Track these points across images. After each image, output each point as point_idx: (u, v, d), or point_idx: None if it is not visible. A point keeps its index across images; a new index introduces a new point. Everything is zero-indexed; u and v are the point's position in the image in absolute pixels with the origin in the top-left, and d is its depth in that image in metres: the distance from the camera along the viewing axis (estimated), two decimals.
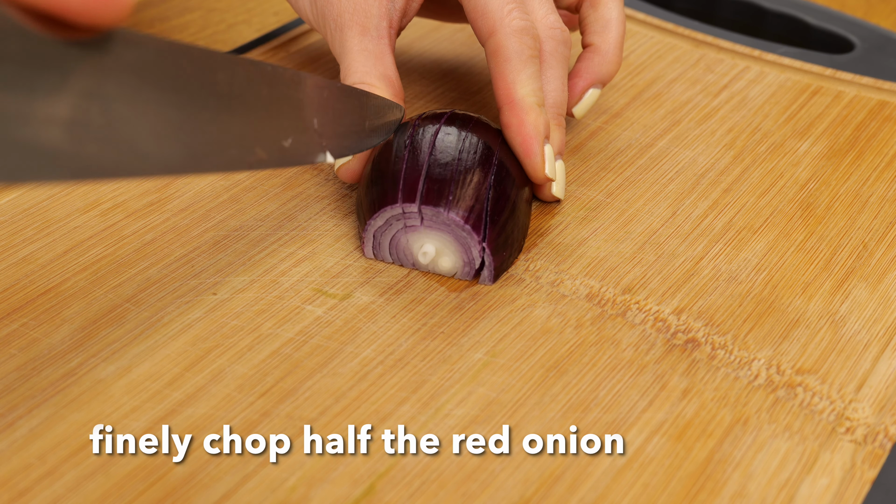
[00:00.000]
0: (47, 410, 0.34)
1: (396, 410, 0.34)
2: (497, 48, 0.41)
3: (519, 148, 0.41)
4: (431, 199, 0.38)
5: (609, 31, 0.46)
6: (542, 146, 0.41)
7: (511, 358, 0.37)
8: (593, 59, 0.46)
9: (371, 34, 0.43)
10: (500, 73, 0.41)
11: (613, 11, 0.46)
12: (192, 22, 0.58)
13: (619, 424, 0.34)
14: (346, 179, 0.42)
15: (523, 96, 0.41)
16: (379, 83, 0.42)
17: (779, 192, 0.45)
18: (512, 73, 0.41)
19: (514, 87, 0.41)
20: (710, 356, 0.37)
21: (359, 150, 0.38)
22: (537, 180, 0.41)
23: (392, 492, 0.32)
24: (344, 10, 0.43)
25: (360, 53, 0.43)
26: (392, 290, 0.39)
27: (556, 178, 0.42)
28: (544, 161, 0.41)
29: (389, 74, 0.43)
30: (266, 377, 0.35)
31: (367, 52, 0.43)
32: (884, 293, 0.40)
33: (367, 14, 0.43)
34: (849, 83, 0.52)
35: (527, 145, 0.41)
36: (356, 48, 0.43)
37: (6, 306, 0.38)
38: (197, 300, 0.38)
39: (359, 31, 0.43)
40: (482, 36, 0.42)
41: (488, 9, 0.41)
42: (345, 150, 0.37)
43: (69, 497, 0.31)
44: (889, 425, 0.35)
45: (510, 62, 0.41)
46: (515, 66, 0.41)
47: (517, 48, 0.41)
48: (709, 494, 0.32)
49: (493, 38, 0.41)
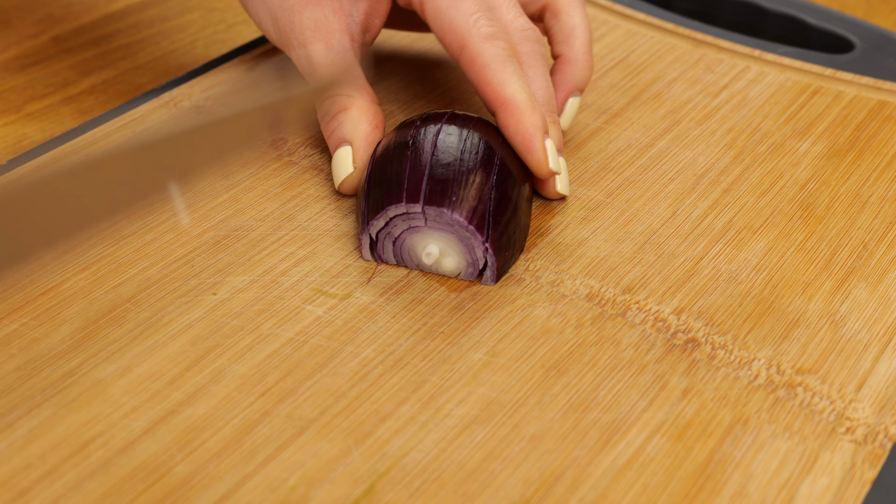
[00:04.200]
0: (47, 410, 0.34)
1: (396, 410, 0.34)
2: (472, 58, 0.41)
3: (520, 146, 0.41)
4: (435, 200, 0.38)
5: (575, 39, 0.46)
6: (542, 141, 0.40)
7: (511, 358, 0.37)
8: (565, 69, 0.46)
9: (335, 48, 0.43)
10: (483, 79, 0.41)
11: (576, 18, 0.46)
12: (192, 22, 0.58)
13: (619, 424, 0.34)
14: (348, 191, 0.43)
15: (513, 94, 0.40)
16: (354, 92, 0.43)
17: (779, 192, 0.45)
18: (495, 76, 0.40)
19: (503, 88, 0.40)
20: (710, 356, 0.37)
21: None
22: (542, 175, 0.41)
23: (392, 492, 0.32)
24: (305, 28, 0.44)
25: (328, 67, 0.43)
26: (392, 290, 0.39)
27: (560, 172, 0.42)
28: (547, 155, 0.41)
29: (362, 84, 0.43)
30: (266, 377, 0.35)
31: (335, 65, 0.43)
32: (884, 293, 0.40)
33: (329, 30, 0.43)
34: (849, 83, 0.52)
35: (528, 142, 0.40)
36: (323, 62, 0.43)
37: (6, 306, 0.38)
38: (197, 300, 0.38)
39: (323, 46, 0.43)
40: (454, 51, 0.42)
41: (455, 23, 0.41)
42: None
43: (69, 497, 0.31)
44: (889, 425, 0.35)
45: (489, 67, 0.41)
46: (496, 69, 0.41)
47: (492, 52, 0.41)
48: (709, 494, 0.32)
49: (466, 50, 0.41)
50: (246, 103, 0.30)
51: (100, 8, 0.58)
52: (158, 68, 0.54)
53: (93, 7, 0.58)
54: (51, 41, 0.55)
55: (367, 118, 0.43)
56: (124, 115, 0.47)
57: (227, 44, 0.56)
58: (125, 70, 0.54)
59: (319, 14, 0.44)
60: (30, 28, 0.56)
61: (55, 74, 0.53)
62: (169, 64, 0.54)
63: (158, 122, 0.33)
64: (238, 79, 0.50)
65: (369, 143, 0.42)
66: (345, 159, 0.42)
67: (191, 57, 0.55)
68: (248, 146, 0.31)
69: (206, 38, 0.56)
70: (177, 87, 0.49)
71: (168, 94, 0.49)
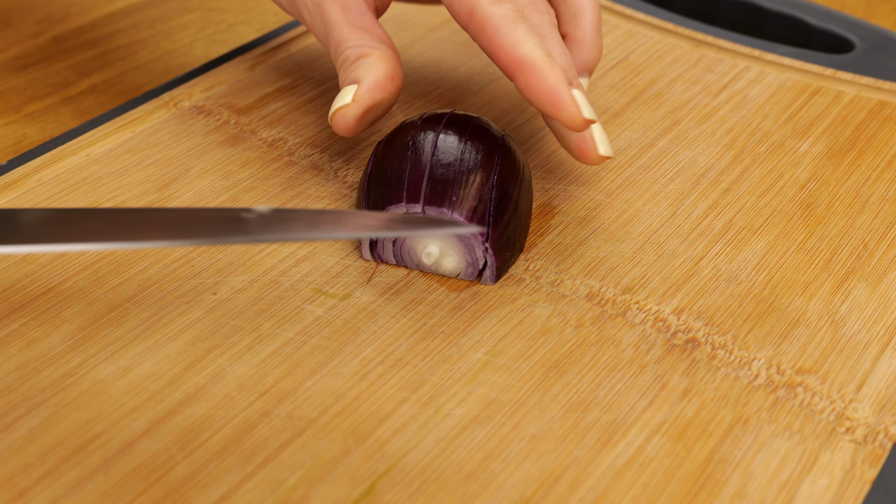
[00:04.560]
0: (47, 410, 0.34)
1: (396, 410, 0.34)
2: (481, 23, 0.39)
3: (547, 103, 0.38)
4: (435, 200, 0.38)
5: (582, 18, 0.44)
6: (569, 92, 0.38)
7: (511, 358, 0.37)
8: (572, 49, 0.44)
9: (353, 10, 0.42)
10: (495, 42, 0.39)
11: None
12: (192, 22, 0.58)
13: (619, 424, 0.34)
14: (340, 128, 0.41)
15: (529, 51, 0.38)
16: (379, 44, 0.41)
17: (779, 192, 0.45)
18: (508, 38, 0.39)
19: (517, 49, 0.38)
20: (710, 356, 0.37)
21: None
22: (578, 127, 0.38)
23: (392, 492, 0.32)
24: None
25: (347, 25, 0.42)
26: (392, 290, 0.39)
27: (597, 136, 0.40)
28: (579, 105, 0.38)
29: (385, 39, 0.42)
30: (266, 377, 0.35)
31: (355, 24, 0.42)
32: (884, 293, 0.40)
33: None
34: (849, 83, 0.52)
35: (554, 97, 0.38)
36: (342, 21, 0.42)
37: (6, 306, 0.38)
38: (197, 300, 0.38)
39: (340, 7, 0.42)
40: (462, 19, 0.40)
41: None
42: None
43: (69, 497, 0.31)
44: (889, 425, 0.35)
45: (500, 30, 0.39)
46: (507, 31, 0.39)
47: (502, 14, 0.39)
48: (709, 494, 0.32)
49: (475, 16, 0.39)
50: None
51: (100, 8, 0.58)
52: (158, 68, 0.54)
53: (93, 7, 0.58)
54: (51, 41, 0.55)
55: (384, 65, 0.41)
56: (124, 115, 0.47)
57: (227, 44, 0.56)
58: (125, 70, 0.54)
59: None
60: (30, 28, 0.56)
61: (55, 74, 0.53)
62: (169, 64, 0.54)
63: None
64: (238, 79, 0.50)
65: (378, 87, 0.40)
66: (347, 93, 0.40)
67: (191, 57, 0.55)
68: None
69: (206, 38, 0.56)
70: (177, 87, 0.49)
71: (168, 94, 0.49)
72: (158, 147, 0.46)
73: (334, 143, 0.47)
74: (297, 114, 0.48)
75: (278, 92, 0.50)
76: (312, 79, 0.51)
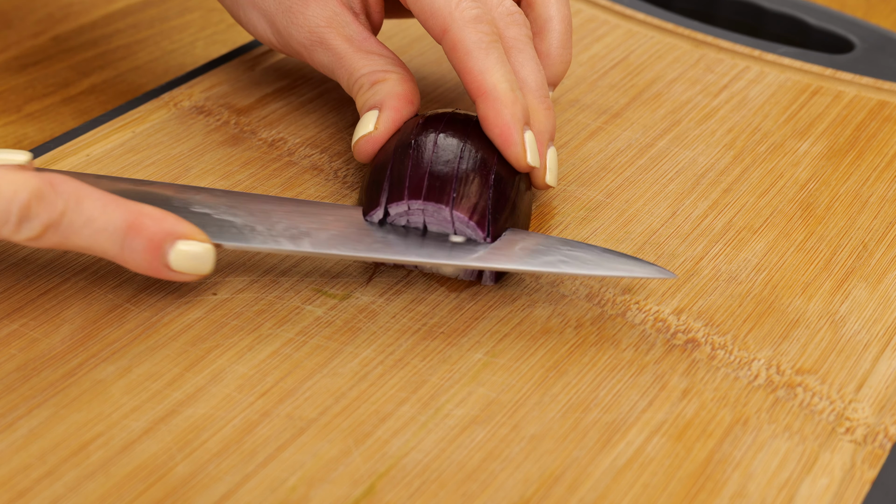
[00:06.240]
0: (47, 410, 0.34)
1: (396, 410, 0.34)
2: (454, 43, 0.40)
3: (497, 139, 0.39)
4: (434, 197, 0.38)
5: (549, 31, 0.44)
6: (521, 133, 0.39)
7: (511, 358, 0.37)
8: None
9: (356, 38, 0.42)
10: (465, 67, 0.39)
11: (551, 9, 0.44)
12: (192, 22, 0.58)
13: (619, 424, 0.34)
14: (363, 155, 0.41)
15: (495, 83, 0.39)
16: (392, 66, 0.42)
17: (779, 192, 0.45)
18: (477, 64, 0.39)
19: (484, 77, 0.39)
20: (710, 356, 0.37)
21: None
22: (521, 169, 0.40)
23: (392, 492, 0.32)
24: (315, 27, 0.42)
25: (356, 53, 0.42)
26: (392, 290, 0.39)
27: (549, 164, 0.41)
28: (526, 149, 0.40)
29: (395, 59, 0.42)
30: (266, 377, 0.35)
31: (363, 49, 0.42)
32: (884, 293, 0.40)
33: (342, 22, 0.42)
34: (849, 83, 0.52)
35: (505, 135, 0.39)
36: (349, 51, 0.42)
37: (6, 306, 0.38)
38: (197, 300, 0.38)
39: (343, 38, 0.42)
40: (436, 35, 0.40)
41: (436, 6, 0.40)
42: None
43: (69, 497, 0.31)
44: (889, 425, 0.35)
45: (471, 54, 0.39)
46: (478, 56, 0.39)
47: (475, 38, 0.39)
48: (709, 494, 0.32)
49: (448, 35, 0.40)
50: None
51: (100, 8, 0.58)
52: (158, 68, 0.54)
53: (93, 7, 0.58)
54: (51, 41, 0.55)
55: (401, 87, 0.41)
56: (124, 115, 0.47)
57: (227, 44, 0.56)
58: (125, 70, 0.54)
59: (327, 10, 0.42)
60: (30, 28, 0.56)
61: (55, 74, 0.53)
62: (169, 64, 0.54)
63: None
64: (238, 79, 0.50)
65: (397, 111, 0.41)
66: (368, 120, 0.41)
67: (191, 57, 0.55)
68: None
69: (206, 38, 0.56)
70: (177, 87, 0.49)
71: (168, 94, 0.49)
72: (158, 147, 0.46)
73: (334, 143, 0.47)
74: (296, 114, 0.48)
75: (278, 92, 0.50)
76: (312, 79, 0.51)
